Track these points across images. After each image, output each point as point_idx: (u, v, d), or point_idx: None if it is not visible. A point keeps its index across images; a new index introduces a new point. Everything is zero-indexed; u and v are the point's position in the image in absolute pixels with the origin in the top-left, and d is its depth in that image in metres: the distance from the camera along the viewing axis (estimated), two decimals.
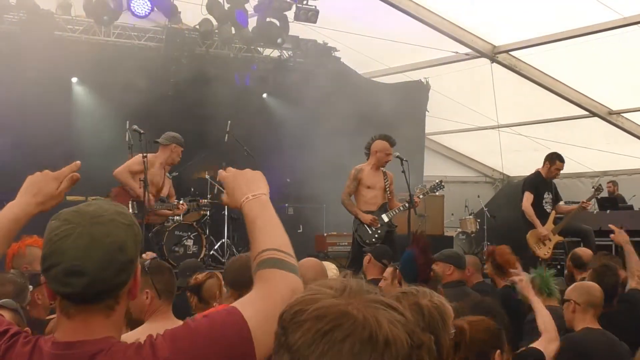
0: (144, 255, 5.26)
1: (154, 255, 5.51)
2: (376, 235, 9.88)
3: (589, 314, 5.33)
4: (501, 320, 4.09)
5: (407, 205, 10.01)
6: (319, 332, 1.42)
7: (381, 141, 10.02)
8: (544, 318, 5.14)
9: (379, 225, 9.92)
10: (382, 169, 10.12)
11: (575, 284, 5.99)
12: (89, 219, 2.01)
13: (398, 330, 1.44)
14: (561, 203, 11.54)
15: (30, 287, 4.98)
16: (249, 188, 2.45)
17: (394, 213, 10.06)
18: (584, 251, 8.14)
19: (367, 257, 7.87)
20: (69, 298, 1.99)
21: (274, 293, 2.09)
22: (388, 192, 10.13)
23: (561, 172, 11.36)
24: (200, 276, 5.72)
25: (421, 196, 10.55)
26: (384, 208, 10.07)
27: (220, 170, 2.59)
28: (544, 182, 11.15)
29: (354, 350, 1.40)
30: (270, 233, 2.31)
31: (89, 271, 1.95)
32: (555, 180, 11.45)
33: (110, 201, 2.24)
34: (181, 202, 11.41)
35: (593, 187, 11.65)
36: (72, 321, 2.01)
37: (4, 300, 4.35)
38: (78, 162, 2.63)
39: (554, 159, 11.11)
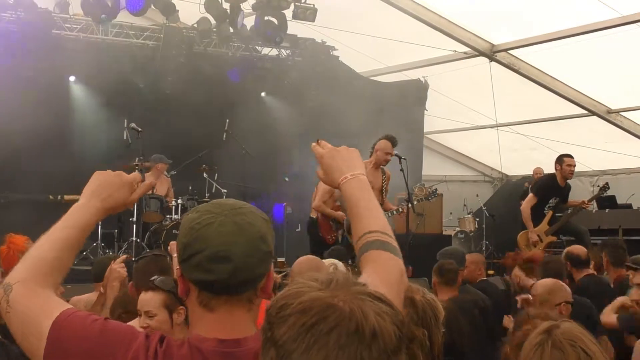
0: (119, 260, 5.23)
1: (127, 257, 5.49)
2: None
3: None
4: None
5: (396, 211, 10.14)
6: (304, 326, 1.41)
7: (384, 141, 10.04)
8: None
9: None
10: (381, 167, 10.11)
11: None
12: (230, 209, 2.00)
13: (385, 322, 1.43)
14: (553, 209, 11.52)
15: None
16: (347, 167, 2.44)
17: (389, 215, 10.05)
18: (581, 249, 7.99)
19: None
20: (211, 287, 1.95)
21: (386, 276, 2.10)
22: (383, 193, 10.14)
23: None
24: None
25: (415, 202, 10.53)
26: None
27: (314, 145, 2.54)
28: (555, 188, 11.04)
29: (340, 343, 1.39)
30: (373, 214, 2.31)
31: (235, 257, 1.92)
32: None
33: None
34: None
35: (598, 186, 11.60)
36: (215, 314, 1.97)
37: (160, 278, 4.10)
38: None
39: (562, 158, 11.06)
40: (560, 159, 11.06)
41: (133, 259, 9.76)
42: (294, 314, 1.42)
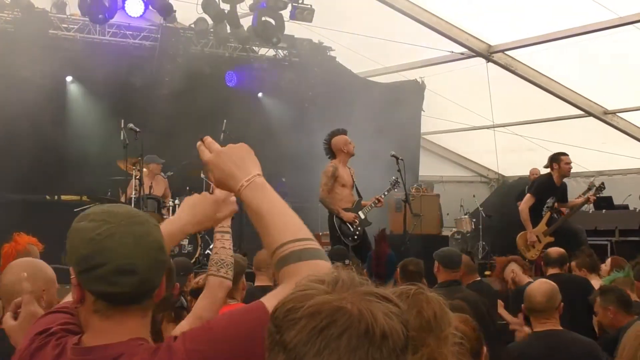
0: None
1: None
2: (357, 233, 10.01)
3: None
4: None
5: (376, 202, 10.16)
6: (314, 330, 1.40)
7: (339, 136, 10.05)
8: None
9: (358, 223, 10.02)
10: (347, 165, 10.18)
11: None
12: (126, 218, 1.95)
13: (394, 322, 1.43)
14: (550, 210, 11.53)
15: None
16: (240, 171, 2.16)
17: (368, 210, 10.15)
18: (553, 249, 8.18)
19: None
20: (113, 299, 1.92)
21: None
22: (355, 188, 10.20)
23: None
24: (199, 280, 5.73)
25: (386, 193, 10.56)
26: (358, 205, 10.15)
27: (199, 145, 2.26)
28: (552, 188, 11.04)
29: (351, 346, 1.39)
30: (281, 222, 2.06)
31: (140, 270, 1.89)
32: None
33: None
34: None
35: (595, 186, 11.60)
36: (106, 322, 1.94)
37: None
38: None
39: (558, 156, 11.03)
40: (557, 158, 11.04)
41: None
42: (304, 318, 1.42)
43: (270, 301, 1.89)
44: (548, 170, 11.09)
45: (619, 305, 5.74)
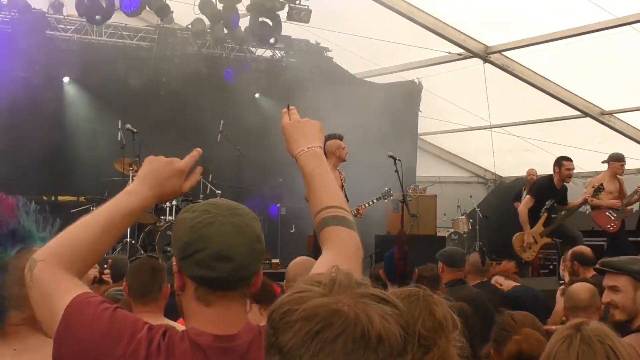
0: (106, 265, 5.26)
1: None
2: None
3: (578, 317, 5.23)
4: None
5: (355, 210, 10.09)
6: (309, 333, 1.40)
7: (333, 140, 10.03)
8: None
9: None
10: (337, 169, 10.16)
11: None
12: (227, 210, 2.10)
13: (390, 325, 1.43)
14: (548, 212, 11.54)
15: None
16: (306, 140, 2.50)
17: (353, 214, 10.11)
18: (585, 249, 8.02)
19: None
20: (211, 284, 2.05)
21: (345, 252, 2.25)
22: (345, 193, 10.19)
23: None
24: None
25: (372, 202, 10.53)
26: None
27: (284, 111, 2.61)
28: (552, 190, 11.06)
29: (346, 349, 1.38)
30: (329, 189, 2.40)
31: (236, 256, 2.03)
32: None
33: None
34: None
35: (593, 187, 11.61)
36: (211, 309, 2.07)
37: None
38: (199, 149, 2.55)
39: (561, 161, 11.06)
40: (559, 162, 11.08)
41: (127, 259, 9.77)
42: (299, 321, 1.42)
43: (323, 267, 2.10)
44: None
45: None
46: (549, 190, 11.08)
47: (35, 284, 2.10)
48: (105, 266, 5.34)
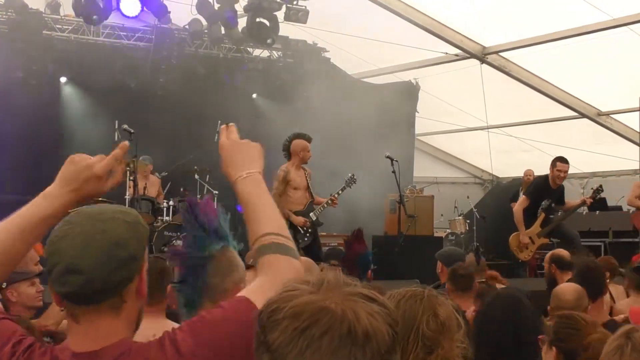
0: None
1: None
2: (307, 235, 10.04)
3: None
4: None
5: (330, 202, 10.15)
6: (296, 330, 1.41)
7: (300, 140, 10.08)
8: None
9: (309, 226, 10.04)
10: (302, 167, 10.19)
11: None
12: (87, 217, 2.00)
13: (378, 323, 1.43)
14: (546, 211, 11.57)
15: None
16: (245, 164, 2.38)
17: (321, 209, 10.16)
18: (564, 252, 8.03)
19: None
20: (68, 298, 1.96)
21: (281, 281, 1.96)
22: (310, 189, 10.21)
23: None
24: None
25: (340, 192, 10.51)
26: (310, 207, 10.17)
27: (223, 127, 2.53)
28: (547, 190, 11.07)
29: (333, 346, 1.39)
30: (268, 215, 2.27)
31: (85, 269, 1.91)
32: None
33: (122, 206, 2.18)
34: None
35: (592, 188, 11.64)
36: (81, 325, 1.97)
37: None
38: (126, 142, 2.52)
39: (555, 162, 11.06)
40: (553, 162, 11.09)
41: None
42: (286, 318, 1.42)
43: (252, 294, 2.02)
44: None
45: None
46: (544, 190, 11.09)
47: None
48: None
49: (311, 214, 10.11)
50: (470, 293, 6.15)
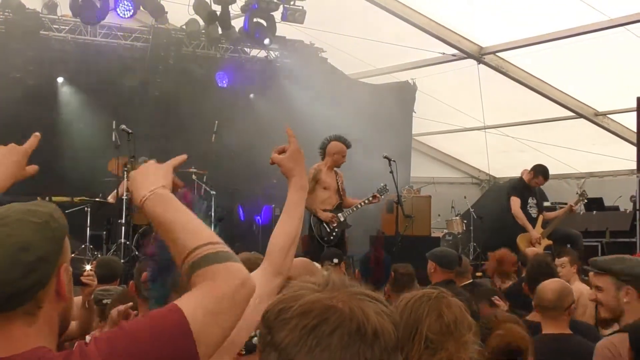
0: (88, 267, 5.22)
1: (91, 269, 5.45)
2: (334, 233, 10.02)
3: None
4: None
5: (363, 203, 10.14)
6: (305, 328, 1.42)
7: (338, 143, 10.08)
8: None
9: (337, 224, 10.03)
10: (335, 170, 10.18)
11: None
12: None
13: (385, 322, 1.45)
14: (545, 210, 11.61)
15: None
16: (143, 186, 2.16)
17: (350, 212, 10.13)
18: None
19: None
20: None
21: (217, 287, 1.90)
22: (341, 192, 10.20)
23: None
24: None
25: (366, 201, 10.48)
26: (339, 208, 10.16)
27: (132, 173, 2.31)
28: (527, 188, 11.26)
29: (342, 343, 1.40)
30: (189, 228, 2.03)
31: None
32: None
33: (37, 202, 2.05)
34: None
35: (577, 193, 11.70)
36: None
37: None
38: (37, 133, 2.46)
39: (538, 174, 11.23)
40: (536, 174, 11.30)
41: (122, 260, 9.82)
42: (295, 317, 1.43)
43: (183, 303, 1.87)
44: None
45: None
46: (524, 189, 11.25)
47: None
48: (89, 268, 5.26)
49: (339, 215, 10.10)
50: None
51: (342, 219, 10.11)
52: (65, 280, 1.94)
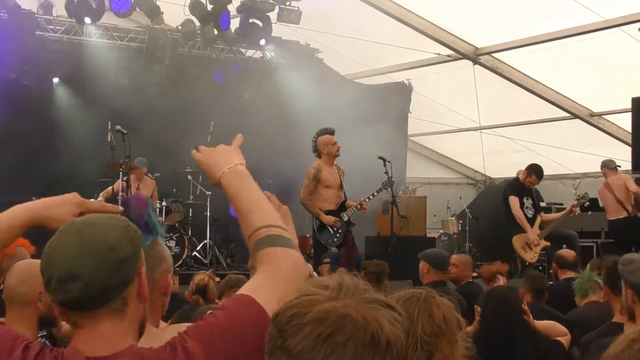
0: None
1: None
2: (337, 236, 9.87)
3: None
4: None
5: (358, 207, 10.02)
6: (320, 336, 1.42)
7: (322, 136, 10.02)
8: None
9: (340, 225, 9.90)
10: (335, 164, 10.12)
11: None
12: (78, 227, 2.01)
13: (398, 330, 1.46)
14: (543, 213, 11.63)
15: None
16: (225, 161, 2.37)
17: (352, 212, 10.05)
18: (568, 252, 8.27)
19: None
20: (70, 306, 1.96)
21: (281, 274, 2.09)
22: (343, 189, 10.13)
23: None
24: (204, 278, 6.19)
25: (375, 194, 10.47)
26: (342, 207, 10.05)
27: (193, 152, 2.50)
28: (523, 188, 11.27)
29: (356, 353, 1.41)
30: (258, 207, 2.24)
31: (83, 274, 1.92)
32: None
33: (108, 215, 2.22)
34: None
35: (578, 197, 11.68)
36: (83, 330, 1.98)
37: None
38: (121, 208, 2.54)
39: (532, 173, 11.24)
40: (530, 172, 11.32)
41: None
42: (309, 324, 1.43)
43: (254, 292, 2.03)
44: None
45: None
46: (520, 189, 11.26)
47: None
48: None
49: (343, 214, 9.97)
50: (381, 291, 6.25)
51: (345, 219, 9.98)
52: (145, 282, 2.06)
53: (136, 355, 1.95)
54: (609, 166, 12.26)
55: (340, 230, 9.88)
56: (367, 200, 10.15)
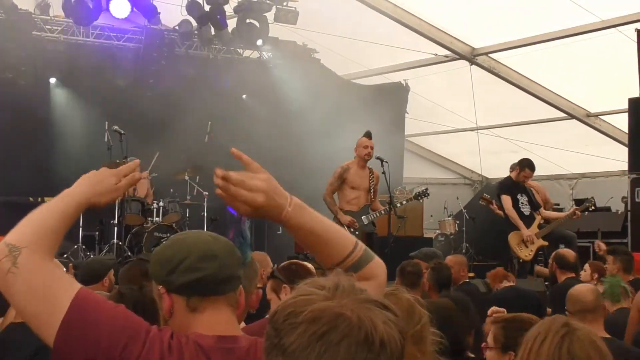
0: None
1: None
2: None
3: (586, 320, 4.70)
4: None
5: (385, 210, 10.00)
6: (314, 335, 1.43)
7: (361, 138, 10.06)
8: None
9: (357, 227, 9.83)
10: (369, 167, 10.09)
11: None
12: (195, 232, 2.29)
13: (392, 330, 1.46)
14: (542, 209, 11.61)
15: None
16: (279, 197, 2.10)
17: (375, 215, 10.01)
18: (568, 252, 8.19)
19: None
20: (201, 288, 2.13)
21: (382, 284, 2.29)
22: (372, 193, 10.07)
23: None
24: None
25: (404, 202, 10.50)
26: (365, 209, 9.99)
27: (257, 182, 2.11)
28: (516, 186, 11.23)
29: (350, 352, 1.41)
30: (337, 234, 2.21)
31: (219, 255, 2.15)
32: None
33: None
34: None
35: (587, 202, 11.64)
36: (205, 315, 2.14)
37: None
38: (137, 160, 2.62)
39: (524, 166, 11.20)
40: (522, 166, 11.23)
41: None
42: (304, 322, 1.44)
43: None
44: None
45: None
46: (513, 186, 11.25)
47: (23, 272, 2.01)
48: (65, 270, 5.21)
49: (363, 217, 9.92)
50: (417, 290, 6.23)
51: (365, 222, 9.91)
52: (243, 292, 2.26)
53: (251, 340, 2.13)
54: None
55: (357, 232, 9.70)
56: (395, 207, 10.08)
